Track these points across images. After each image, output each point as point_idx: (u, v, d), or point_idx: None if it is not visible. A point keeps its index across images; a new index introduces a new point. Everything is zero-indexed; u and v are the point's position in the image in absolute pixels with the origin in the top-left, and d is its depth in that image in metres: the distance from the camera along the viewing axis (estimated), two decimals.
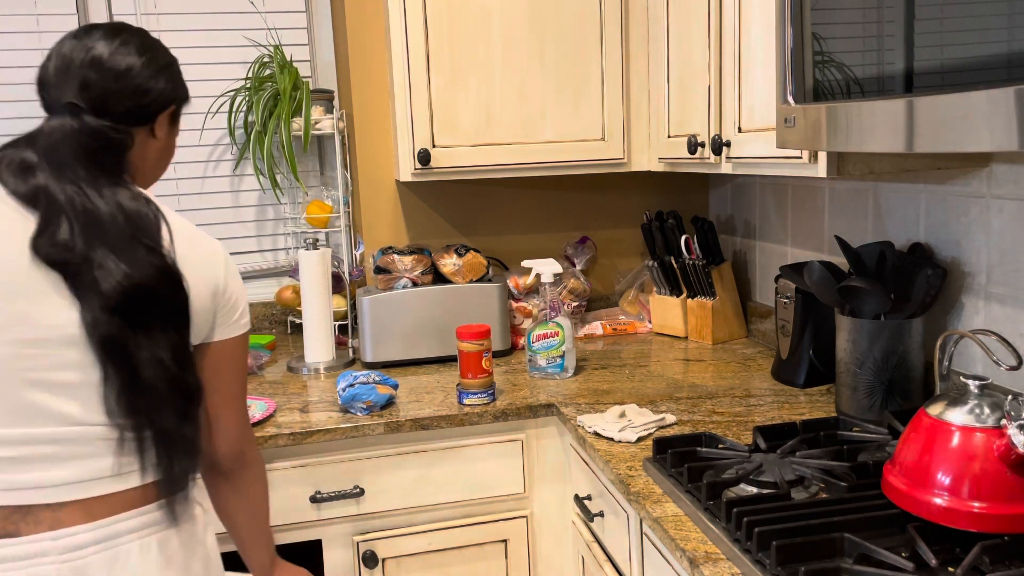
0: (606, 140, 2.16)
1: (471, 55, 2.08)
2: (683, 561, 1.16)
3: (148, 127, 1.21)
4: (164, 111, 1.22)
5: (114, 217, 1.10)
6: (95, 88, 1.15)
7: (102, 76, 1.15)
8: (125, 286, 1.07)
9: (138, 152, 1.20)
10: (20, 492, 1.07)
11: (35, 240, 1.07)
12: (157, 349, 1.10)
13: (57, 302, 1.07)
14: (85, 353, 1.08)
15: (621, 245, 2.60)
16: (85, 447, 1.09)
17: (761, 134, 1.59)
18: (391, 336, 2.09)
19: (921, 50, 1.01)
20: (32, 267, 1.07)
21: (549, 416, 1.81)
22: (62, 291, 1.07)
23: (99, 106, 1.15)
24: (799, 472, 1.29)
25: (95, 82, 1.15)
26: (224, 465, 1.26)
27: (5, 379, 1.06)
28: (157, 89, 1.20)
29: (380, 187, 2.45)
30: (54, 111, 1.15)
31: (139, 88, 1.17)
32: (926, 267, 1.52)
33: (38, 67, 1.19)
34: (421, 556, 1.80)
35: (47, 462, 1.08)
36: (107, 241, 1.08)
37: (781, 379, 1.89)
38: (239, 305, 1.23)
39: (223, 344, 1.22)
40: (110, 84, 1.15)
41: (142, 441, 1.11)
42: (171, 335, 1.12)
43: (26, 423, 1.07)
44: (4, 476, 1.07)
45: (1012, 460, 1.03)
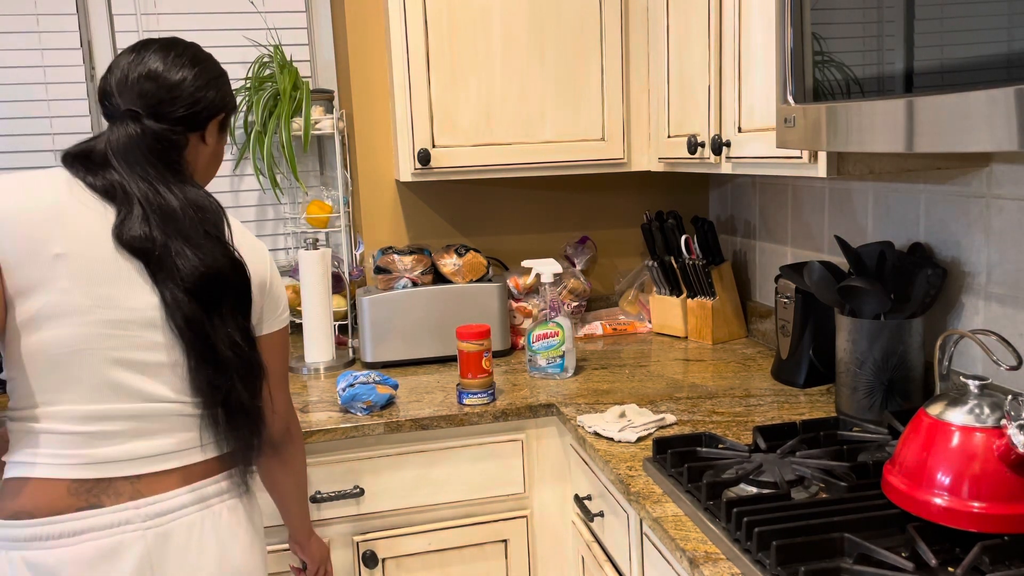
0: (606, 140, 2.16)
1: (471, 55, 2.08)
2: (683, 561, 1.16)
3: (199, 133, 1.29)
4: (214, 119, 1.30)
5: (185, 210, 1.19)
6: (151, 97, 1.23)
7: (158, 88, 1.23)
8: (201, 271, 1.17)
9: (190, 156, 1.29)
10: (102, 466, 1.15)
11: (118, 228, 1.15)
12: (230, 330, 1.20)
13: (140, 287, 1.16)
14: (166, 334, 1.17)
15: (621, 245, 2.60)
16: (163, 423, 1.18)
17: (761, 134, 1.59)
18: (391, 336, 2.09)
19: (921, 50, 1.01)
20: (116, 253, 1.15)
21: (549, 416, 1.81)
22: (144, 276, 1.16)
23: (156, 112, 1.23)
24: (799, 472, 1.29)
25: (151, 92, 1.23)
26: (275, 439, 1.35)
27: (89, 358, 1.14)
28: (208, 99, 1.28)
29: (380, 187, 2.45)
30: (115, 118, 1.23)
31: (191, 97, 1.26)
32: (926, 267, 1.52)
33: (100, 79, 1.29)
34: (421, 556, 1.80)
35: (126, 437, 1.16)
36: (182, 232, 1.18)
37: (781, 379, 1.89)
38: (282, 300, 1.34)
39: (271, 337, 1.32)
40: (164, 95, 1.23)
41: (217, 416, 1.21)
42: (239, 319, 1.22)
43: (107, 400, 1.15)
44: (86, 451, 1.14)
45: (1012, 460, 1.03)
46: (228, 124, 1.37)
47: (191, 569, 1.20)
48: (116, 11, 2.27)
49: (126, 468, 1.15)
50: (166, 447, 1.18)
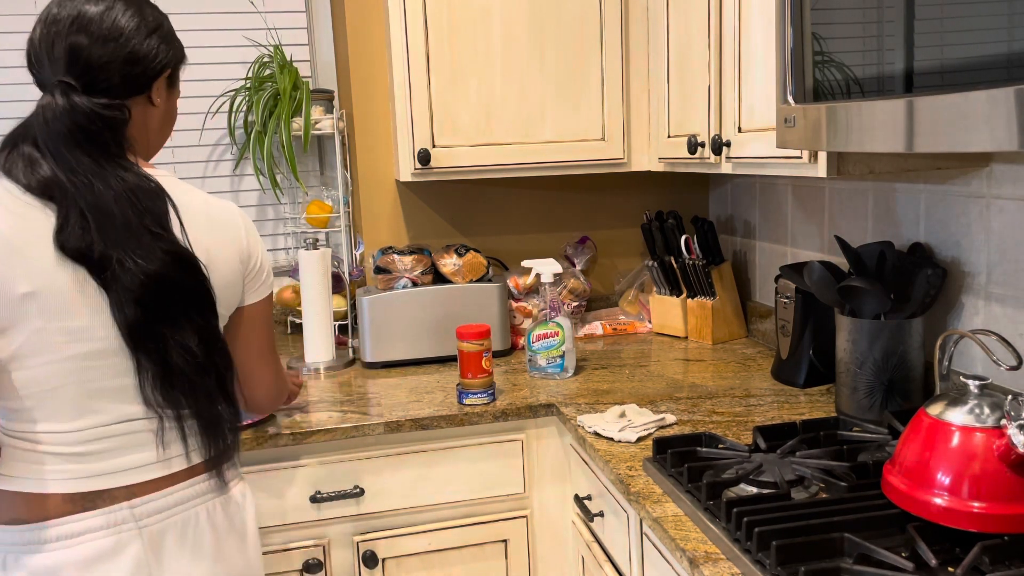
0: (606, 140, 2.16)
1: (471, 55, 2.08)
2: (683, 561, 1.16)
3: (145, 95, 1.20)
4: (160, 76, 1.20)
5: (123, 207, 1.11)
6: (83, 60, 1.13)
7: (91, 42, 1.13)
8: (142, 280, 1.11)
9: (138, 123, 1.19)
10: (96, 479, 1.15)
11: (58, 237, 1.09)
12: (183, 336, 1.15)
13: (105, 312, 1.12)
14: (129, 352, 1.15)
15: (621, 245, 2.60)
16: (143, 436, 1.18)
17: (761, 134, 1.59)
18: (391, 336, 2.09)
19: (921, 50, 1.01)
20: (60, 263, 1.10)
21: (549, 416, 1.81)
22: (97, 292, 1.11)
23: (90, 81, 1.13)
24: (799, 472, 1.29)
25: (83, 49, 1.13)
26: (263, 410, 1.45)
27: (70, 391, 1.13)
28: (150, 53, 1.17)
29: (380, 187, 2.45)
30: (46, 88, 1.15)
31: (131, 55, 1.15)
32: (926, 267, 1.52)
33: (27, 40, 1.17)
34: (421, 556, 1.80)
35: (115, 453, 1.16)
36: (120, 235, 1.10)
37: (781, 379, 1.89)
38: (264, 266, 1.30)
39: (254, 307, 1.30)
40: (98, 51, 1.13)
41: (182, 427, 1.20)
42: (195, 320, 1.17)
43: (92, 424, 1.15)
44: (79, 466, 1.15)
45: (1012, 460, 1.03)
46: (177, 78, 1.26)
47: (188, 565, 1.20)
48: None
49: (119, 479, 1.17)
50: (151, 459, 1.19)
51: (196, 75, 2.31)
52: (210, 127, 2.34)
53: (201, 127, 2.33)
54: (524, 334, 2.24)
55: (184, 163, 2.35)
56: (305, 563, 1.72)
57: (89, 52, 1.14)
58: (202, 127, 2.33)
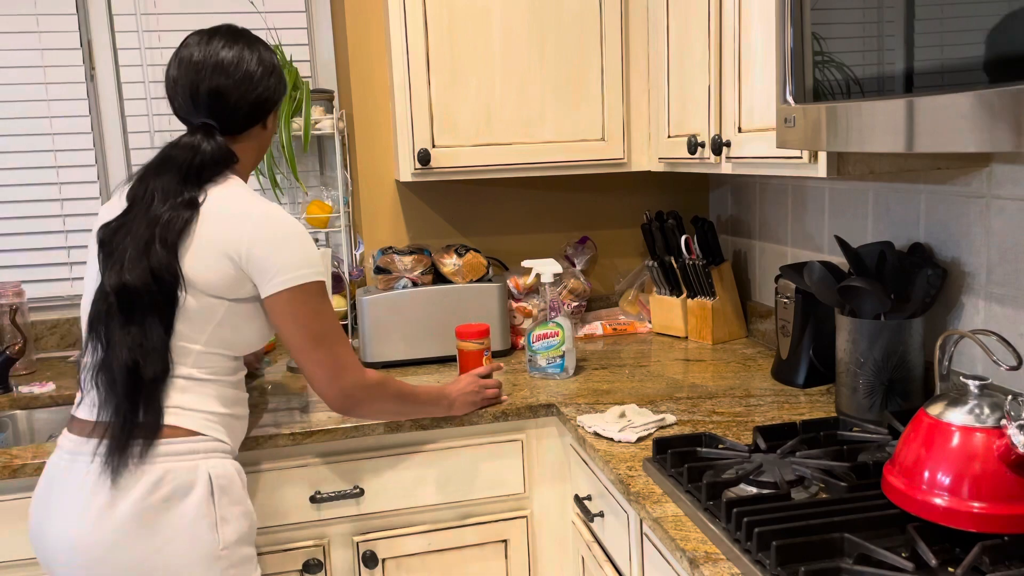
0: (606, 140, 2.16)
1: (471, 55, 2.08)
2: (683, 561, 1.16)
3: (260, 124, 1.52)
4: (275, 109, 1.54)
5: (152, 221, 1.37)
6: (223, 103, 1.44)
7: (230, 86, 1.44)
8: (115, 284, 1.34)
9: (251, 145, 1.52)
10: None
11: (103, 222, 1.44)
12: (127, 338, 1.33)
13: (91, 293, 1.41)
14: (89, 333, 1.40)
15: (621, 245, 2.60)
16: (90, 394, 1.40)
17: (761, 134, 1.59)
18: (391, 336, 2.09)
19: (921, 50, 1.01)
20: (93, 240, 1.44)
21: (549, 416, 1.81)
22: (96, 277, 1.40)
23: (227, 121, 1.46)
24: (799, 472, 1.29)
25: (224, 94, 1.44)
26: (330, 405, 1.50)
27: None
28: (270, 92, 1.50)
29: (380, 187, 2.45)
30: (190, 125, 1.48)
31: (258, 97, 1.47)
32: (926, 267, 1.52)
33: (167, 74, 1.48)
34: (421, 556, 1.80)
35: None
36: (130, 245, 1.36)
37: (781, 379, 1.89)
38: (272, 266, 1.40)
39: (272, 300, 1.41)
40: (235, 95, 1.45)
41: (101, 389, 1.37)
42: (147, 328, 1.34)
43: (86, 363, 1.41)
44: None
45: (1012, 460, 1.03)
46: (278, 111, 1.63)
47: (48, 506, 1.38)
48: (116, 11, 2.27)
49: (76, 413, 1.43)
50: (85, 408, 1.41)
51: None
52: None
53: None
54: (524, 334, 2.24)
55: None
56: (305, 563, 1.72)
57: (227, 96, 1.44)
58: None
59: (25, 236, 2.30)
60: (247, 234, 1.39)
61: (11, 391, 2.04)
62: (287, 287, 1.41)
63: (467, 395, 1.73)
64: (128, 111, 2.31)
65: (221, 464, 1.40)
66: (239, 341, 1.45)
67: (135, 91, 2.30)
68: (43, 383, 2.07)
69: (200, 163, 1.42)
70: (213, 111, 1.45)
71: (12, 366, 2.08)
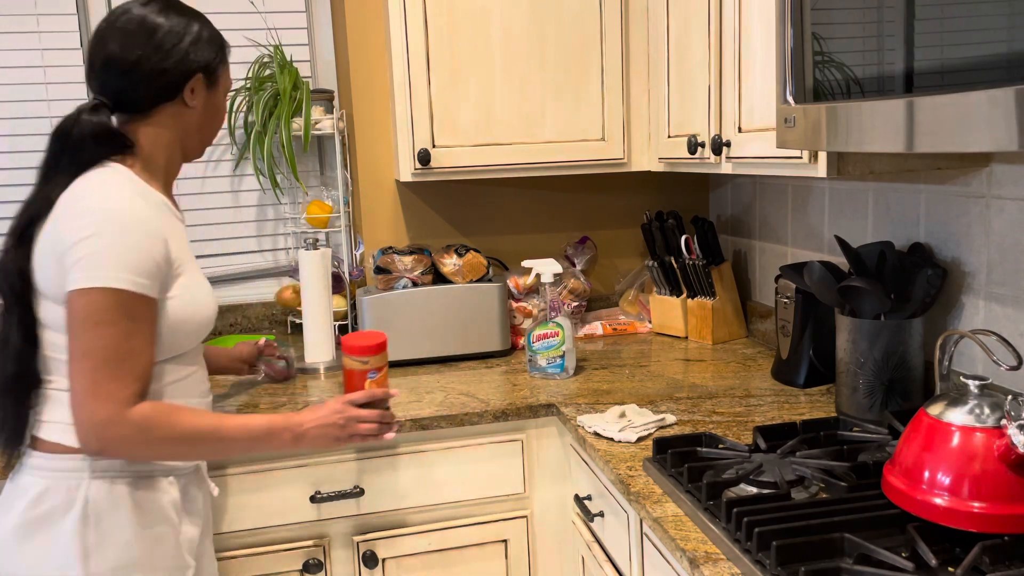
0: (606, 140, 2.16)
1: (471, 55, 2.08)
2: (683, 561, 1.16)
3: (177, 100, 1.34)
4: (186, 84, 1.34)
5: (26, 210, 1.27)
6: (112, 85, 1.30)
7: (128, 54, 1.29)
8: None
9: (166, 125, 1.35)
10: None
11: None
12: (8, 328, 1.26)
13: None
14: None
15: (621, 245, 2.60)
16: None
17: (761, 134, 1.59)
18: (391, 336, 2.09)
19: (921, 50, 1.01)
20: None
21: (549, 416, 1.81)
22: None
23: (125, 98, 1.31)
24: (799, 472, 1.29)
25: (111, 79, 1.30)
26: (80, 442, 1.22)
27: None
28: (177, 62, 1.32)
29: (380, 187, 2.45)
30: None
31: (163, 67, 1.30)
32: (926, 267, 1.52)
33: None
34: (421, 556, 1.80)
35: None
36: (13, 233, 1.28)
37: (781, 379, 1.89)
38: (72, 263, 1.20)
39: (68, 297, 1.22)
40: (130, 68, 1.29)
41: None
42: (8, 335, 1.26)
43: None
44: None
45: (1012, 460, 1.03)
46: (217, 78, 1.39)
47: None
48: None
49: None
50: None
51: None
52: None
53: None
54: (524, 334, 2.24)
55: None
56: (305, 563, 1.72)
57: (119, 65, 1.29)
58: None
59: None
60: (71, 229, 1.21)
61: None
62: (76, 286, 1.20)
63: (325, 427, 1.39)
64: None
65: (105, 487, 1.25)
66: None
67: None
68: None
69: (71, 146, 1.26)
70: (105, 85, 1.30)
71: None
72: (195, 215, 2.36)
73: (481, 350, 2.15)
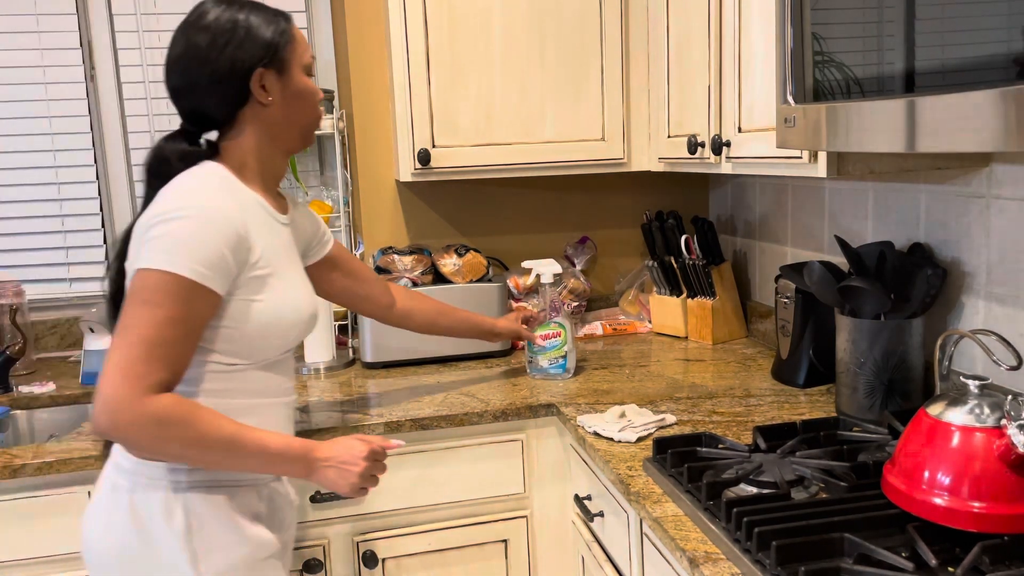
0: (606, 140, 2.16)
1: (471, 55, 2.08)
2: (683, 561, 1.16)
3: (251, 101, 1.29)
4: (249, 81, 1.27)
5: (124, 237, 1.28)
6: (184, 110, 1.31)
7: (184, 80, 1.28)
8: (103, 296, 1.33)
9: (250, 130, 1.31)
10: None
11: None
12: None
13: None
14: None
15: (621, 245, 2.60)
16: None
17: (761, 134, 1.59)
18: (391, 336, 2.09)
19: (921, 50, 1.01)
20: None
21: (549, 416, 1.81)
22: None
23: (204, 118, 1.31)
24: (799, 472, 1.29)
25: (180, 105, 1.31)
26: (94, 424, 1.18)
27: None
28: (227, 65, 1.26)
29: (380, 187, 2.45)
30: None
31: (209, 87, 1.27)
32: (926, 267, 1.52)
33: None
34: (421, 556, 1.80)
35: None
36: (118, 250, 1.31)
37: (781, 379, 1.89)
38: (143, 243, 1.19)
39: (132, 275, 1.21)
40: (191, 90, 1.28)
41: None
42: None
43: None
44: None
45: (1012, 460, 1.03)
46: (285, 66, 1.30)
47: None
48: (116, 11, 2.27)
49: None
50: None
51: None
52: None
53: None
54: None
55: None
56: (305, 563, 1.72)
57: (184, 92, 1.29)
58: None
59: (25, 236, 2.30)
60: (151, 214, 1.21)
61: (11, 391, 2.04)
62: (138, 266, 1.19)
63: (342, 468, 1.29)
64: (128, 111, 2.31)
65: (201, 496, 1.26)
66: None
67: (135, 91, 2.30)
68: (43, 383, 2.07)
69: (161, 172, 1.28)
70: (180, 112, 1.31)
71: (12, 366, 2.08)
72: None
73: (481, 350, 2.15)
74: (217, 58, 1.25)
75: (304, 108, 1.34)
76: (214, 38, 1.25)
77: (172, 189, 1.24)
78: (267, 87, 1.29)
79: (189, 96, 1.28)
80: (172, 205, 1.20)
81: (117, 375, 1.13)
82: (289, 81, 1.31)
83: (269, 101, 1.29)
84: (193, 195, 1.22)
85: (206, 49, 1.25)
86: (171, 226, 1.18)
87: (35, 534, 1.61)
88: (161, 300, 1.16)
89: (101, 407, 1.13)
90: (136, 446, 1.18)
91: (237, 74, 1.26)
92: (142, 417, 1.13)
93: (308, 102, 1.35)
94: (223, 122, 1.31)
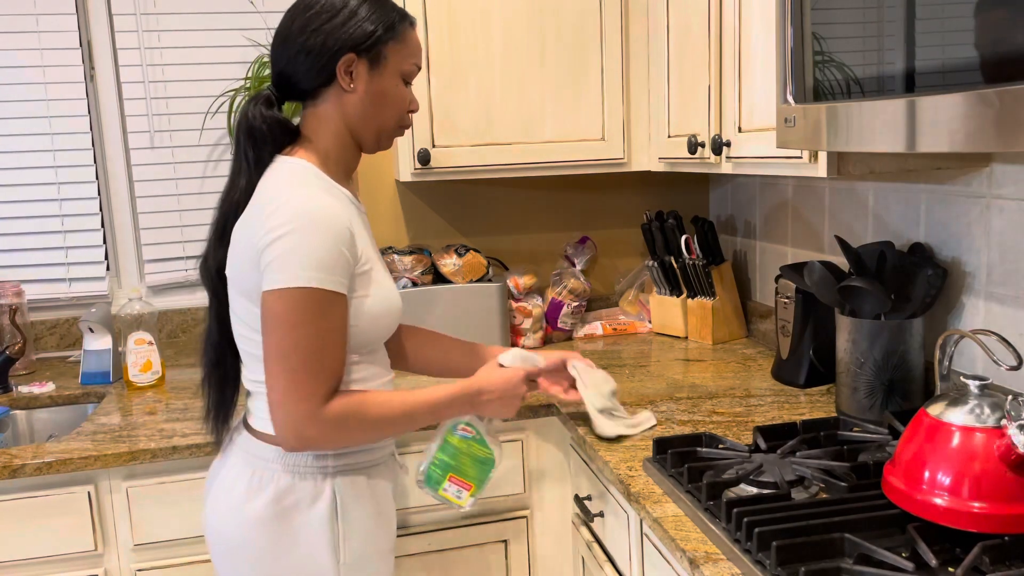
0: (606, 140, 2.16)
1: (471, 55, 2.08)
2: (683, 561, 1.16)
3: (335, 83, 1.28)
4: (338, 63, 1.26)
5: (223, 205, 1.31)
6: (275, 63, 1.30)
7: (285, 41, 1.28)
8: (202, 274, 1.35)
9: (329, 111, 1.30)
10: None
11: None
12: (210, 321, 1.36)
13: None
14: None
15: (621, 245, 2.60)
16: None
17: (761, 134, 1.59)
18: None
19: (921, 50, 1.01)
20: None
21: (549, 416, 1.81)
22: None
23: (290, 85, 1.30)
24: (799, 472, 1.29)
25: (273, 55, 1.30)
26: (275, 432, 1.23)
27: None
28: (324, 38, 1.25)
29: (380, 187, 2.45)
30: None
31: (312, 46, 1.26)
32: (926, 267, 1.52)
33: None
34: (421, 556, 1.80)
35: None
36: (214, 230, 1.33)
37: (781, 379, 1.88)
38: (271, 252, 1.18)
39: (263, 295, 1.20)
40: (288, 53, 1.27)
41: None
42: (214, 313, 1.35)
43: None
44: None
45: (1012, 460, 1.03)
46: (379, 58, 1.28)
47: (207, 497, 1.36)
48: (116, 11, 2.27)
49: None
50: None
51: (196, 75, 2.31)
52: (210, 127, 2.34)
53: (201, 127, 2.33)
54: (524, 334, 2.24)
55: (184, 163, 2.35)
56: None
57: (282, 53, 1.28)
58: (202, 127, 2.33)
59: (25, 236, 2.30)
60: (265, 229, 1.19)
61: (11, 391, 2.04)
62: (270, 287, 1.19)
63: (505, 398, 1.39)
64: (128, 111, 2.31)
65: (348, 480, 1.31)
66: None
67: (135, 91, 2.30)
68: (42, 383, 2.07)
69: (252, 138, 1.27)
70: (273, 62, 1.30)
71: (12, 366, 2.08)
72: (195, 215, 2.36)
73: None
74: (317, 28, 1.25)
75: (384, 111, 1.32)
76: (320, 10, 1.26)
77: (277, 199, 1.21)
78: (354, 75, 1.28)
79: (282, 55, 1.28)
80: (281, 220, 1.18)
81: (291, 401, 1.20)
82: (379, 78, 1.29)
83: (352, 89, 1.28)
84: (298, 203, 1.20)
85: (309, 17, 1.26)
86: (287, 242, 1.17)
87: (35, 534, 1.61)
88: (307, 318, 1.19)
89: (289, 432, 1.21)
90: (328, 448, 1.27)
91: (327, 52, 1.25)
92: (326, 425, 1.21)
93: (392, 107, 1.32)
94: (303, 94, 1.30)
